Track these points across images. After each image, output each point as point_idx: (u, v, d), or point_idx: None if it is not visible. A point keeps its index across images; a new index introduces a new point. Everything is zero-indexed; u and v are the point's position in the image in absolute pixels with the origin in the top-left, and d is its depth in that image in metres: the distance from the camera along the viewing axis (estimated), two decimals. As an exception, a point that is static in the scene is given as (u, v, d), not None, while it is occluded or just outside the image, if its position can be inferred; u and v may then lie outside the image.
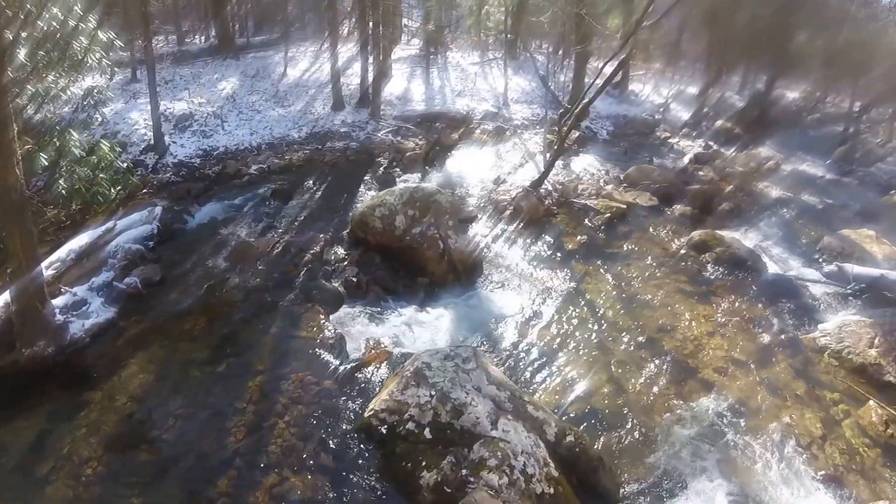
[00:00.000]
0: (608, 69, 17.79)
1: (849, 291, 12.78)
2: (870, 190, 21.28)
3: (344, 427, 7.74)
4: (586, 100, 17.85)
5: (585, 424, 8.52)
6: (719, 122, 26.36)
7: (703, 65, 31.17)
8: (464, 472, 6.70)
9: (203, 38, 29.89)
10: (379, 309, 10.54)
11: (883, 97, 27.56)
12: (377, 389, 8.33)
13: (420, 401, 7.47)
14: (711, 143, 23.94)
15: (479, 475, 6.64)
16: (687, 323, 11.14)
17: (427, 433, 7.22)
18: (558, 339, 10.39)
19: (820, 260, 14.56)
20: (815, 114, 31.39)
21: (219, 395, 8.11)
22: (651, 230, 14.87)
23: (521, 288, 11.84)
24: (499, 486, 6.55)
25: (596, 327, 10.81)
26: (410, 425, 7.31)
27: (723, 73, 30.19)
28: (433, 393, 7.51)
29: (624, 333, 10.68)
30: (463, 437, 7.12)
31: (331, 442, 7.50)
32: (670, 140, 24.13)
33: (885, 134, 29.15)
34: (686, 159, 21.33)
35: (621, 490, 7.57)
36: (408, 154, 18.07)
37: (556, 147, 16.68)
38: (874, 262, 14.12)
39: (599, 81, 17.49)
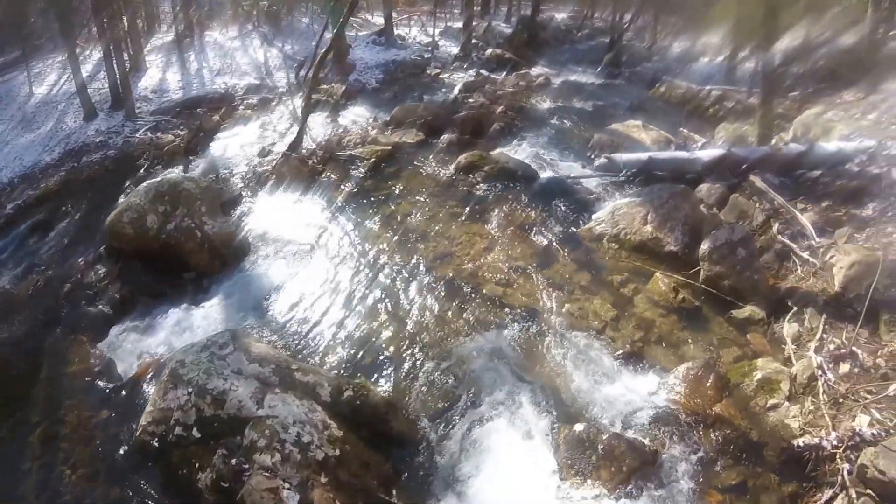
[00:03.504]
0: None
1: (622, 179, 13.29)
2: (637, 87, 22.79)
3: (125, 452, 7.06)
4: (322, 50, 17.69)
5: (372, 374, 8.23)
6: (489, 51, 27.08)
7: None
8: (235, 461, 6.18)
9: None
10: (149, 318, 9.70)
11: (645, 7, 29.80)
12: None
13: (181, 402, 6.81)
14: (483, 71, 24.50)
15: (252, 459, 6.16)
16: (463, 245, 11.07)
17: (195, 432, 6.62)
18: (335, 296, 10.00)
19: (591, 156, 15.12)
20: (584, 30, 33.29)
21: (2, 461, 7.24)
22: (419, 164, 14.78)
23: (293, 254, 11.31)
24: (273, 464, 6.10)
25: (372, 273, 10.51)
26: (178, 430, 6.67)
27: (490, 5, 31.17)
28: (190, 390, 6.87)
29: (401, 272, 10.46)
30: (232, 426, 6.58)
31: (116, 472, 6.83)
32: (441, 76, 24.40)
33: (650, 38, 31.68)
34: (456, 90, 21.52)
35: (418, 427, 7.38)
36: (167, 148, 16.87)
37: (303, 106, 16.30)
38: (643, 147, 14.85)
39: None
